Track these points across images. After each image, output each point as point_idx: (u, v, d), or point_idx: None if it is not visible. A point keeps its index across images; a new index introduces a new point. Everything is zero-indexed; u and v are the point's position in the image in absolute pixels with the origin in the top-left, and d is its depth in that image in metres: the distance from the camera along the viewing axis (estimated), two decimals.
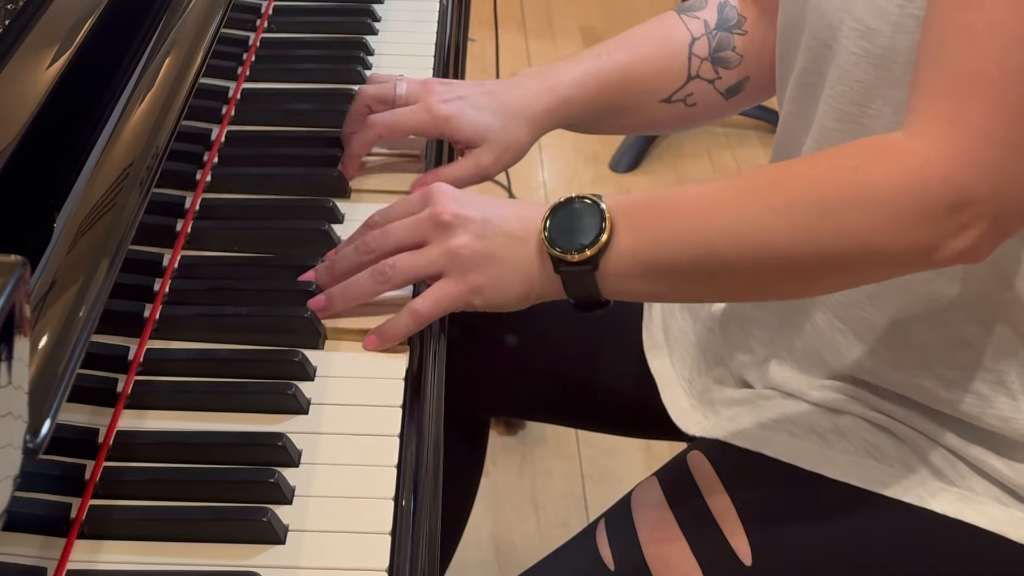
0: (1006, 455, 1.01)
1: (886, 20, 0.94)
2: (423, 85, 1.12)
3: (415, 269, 0.94)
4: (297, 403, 0.87)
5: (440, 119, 1.10)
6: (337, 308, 0.95)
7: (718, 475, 1.04)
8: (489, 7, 2.46)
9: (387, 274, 0.94)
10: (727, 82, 1.21)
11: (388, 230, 0.95)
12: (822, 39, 0.99)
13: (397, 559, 0.77)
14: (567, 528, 1.93)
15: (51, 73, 0.82)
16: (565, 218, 0.92)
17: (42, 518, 0.75)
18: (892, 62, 0.94)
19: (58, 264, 0.72)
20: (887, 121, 0.96)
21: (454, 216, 0.93)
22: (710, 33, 1.20)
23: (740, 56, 1.20)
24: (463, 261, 0.93)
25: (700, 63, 1.20)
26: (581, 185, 2.74)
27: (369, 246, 0.95)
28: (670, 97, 1.20)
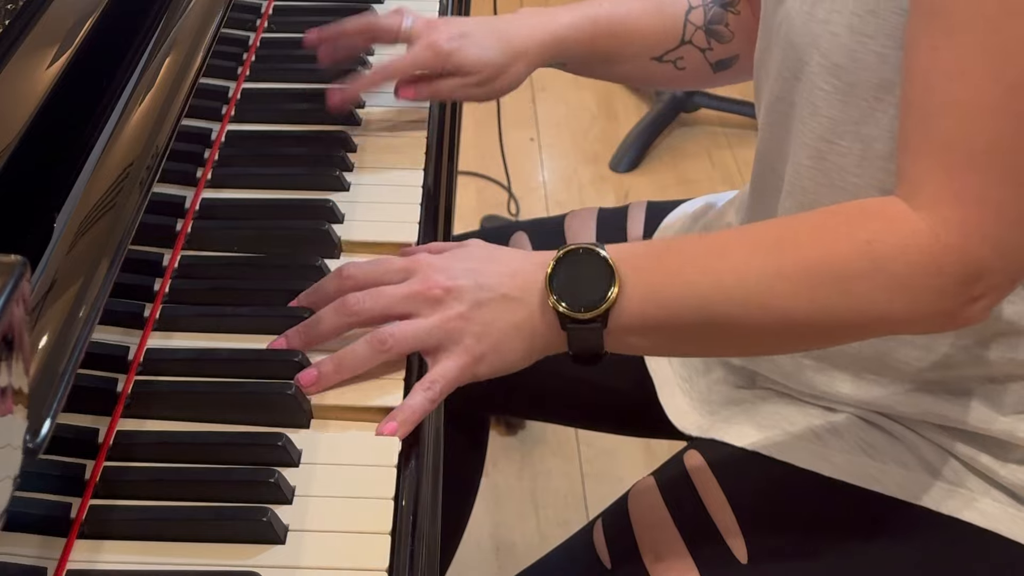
0: (999, 455, 1.01)
1: (850, 56, 0.94)
2: (427, 23, 1.17)
3: (415, 340, 0.89)
4: (297, 404, 0.87)
5: (443, 54, 1.15)
6: (332, 382, 0.89)
7: (715, 474, 1.04)
8: (489, 7, 2.46)
9: (387, 343, 0.89)
10: (718, 55, 1.24)
11: (374, 295, 0.90)
12: (793, 71, 1.00)
13: (397, 559, 0.77)
14: (567, 527, 1.93)
15: (51, 73, 0.82)
16: (570, 273, 0.90)
17: (42, 518, 0.75)
18: (859, 98, 0.95)
19: (58, 264, 0.72)
20: (857, 158, 0.97)
21: (445, 291, 0.90)
22: (706, 4, 1.24)
23: (732, 33, 1.24)
24: (465, 331, 0.89)
25: (694, 31, 1.23)
26: (581, 185, 2.74)
27: (352, 308, 0.90)
28: (661, 57, 1.24)
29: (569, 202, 2.68)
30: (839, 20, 0.94)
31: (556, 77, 1.28)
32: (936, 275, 0.86)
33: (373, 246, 1.03)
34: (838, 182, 0.99)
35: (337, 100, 1.17)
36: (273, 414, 0.86)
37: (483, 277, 0.90)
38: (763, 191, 1.08)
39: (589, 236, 1.30)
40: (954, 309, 0.88)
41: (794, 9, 0.98)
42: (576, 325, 0.89)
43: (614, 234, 1.30)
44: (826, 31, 0.95)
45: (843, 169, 0.98)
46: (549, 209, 2.66)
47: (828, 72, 0.96)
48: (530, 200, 2.69)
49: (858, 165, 0.97)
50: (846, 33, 0.93)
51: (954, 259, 0.85)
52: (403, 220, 1.06)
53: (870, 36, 0.92)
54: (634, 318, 0.89)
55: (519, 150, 2.80)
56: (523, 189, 2.70)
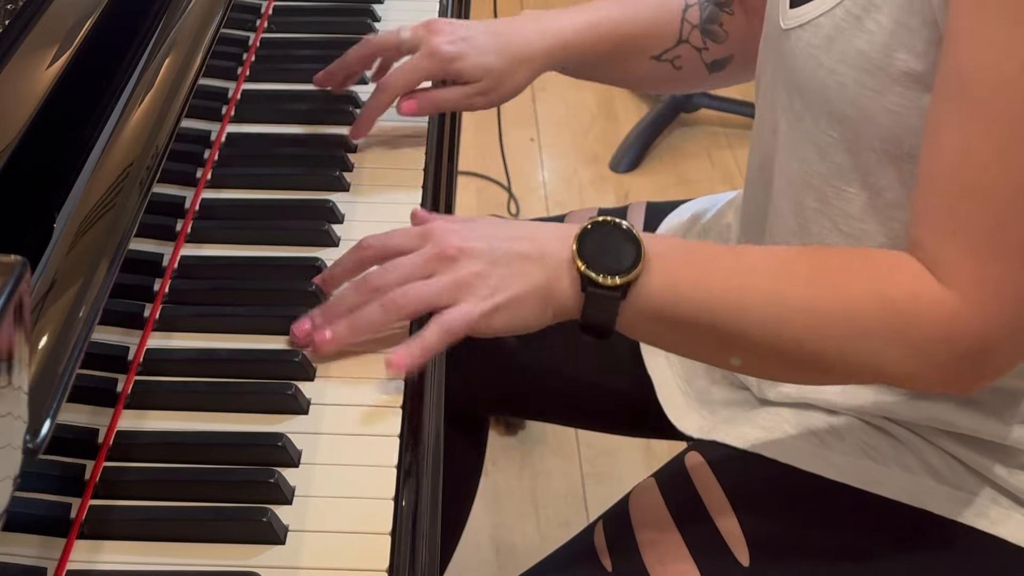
0: (1004, 460, 1.01)
1: (859, 109, 0.94)
2: (426, 26, 1.15)
3: (428, 298, 0.89)
4: (297, 403, 0.87)
5: (445, 60, 1.13)
6: (346, 342, 0.90)
7: (716, 476, 1.04)
8: (489, 7, 2.46)
9: (399, 303, 0.89)
10: (713, 55, 1.24)
11: (391, 267, 0.91)
12: (798, 113, 1.00)
13: (397, 559, 0.77)
14: (567, 528, 1.93)
15: (51, 73, 0.82)
16: (598, 240, 0.90)
17: (42, 518, 0.75)
18: (867, 149, 0.95)
19: (58, 264, 0.72)
20: (863, 206, 0.98)
21: (459, 250, 0.90)
22: (702, 3, 1.23)
23: (726, 33, 1.24)
24: (474, 287, 0.90)
25: (691, 29, 1.23)
26: (581, 185, 2.74)
27: (372, 284, 0.91)
28: (660, 55, 1.24)
29: (569, 202, 2.67)
30: (847, 72, 0.93)
31: (556, 77, 1.27)
32: (948, 349, 0.87)
33: None
34: (843, 227, 0.99)
35: (359, 134, 1.15)
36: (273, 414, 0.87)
37: (497, 240, 0.91)
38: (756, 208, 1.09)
39: None
40: (955, 380, 0.90)
41: (800, 50, 0.97)
42: (597, 289, 0.89)
43: None
44: (834, 81, 0.94)
45: (849, 216, 0.98)
46: (549, 209, 2.66)
47: (836, 120, 0.96)
48: (530, 200, 2.68)
49: (864, 212, 0.98)
50: (854, 86, 0.93)
51: (968, 338, 0.87)
52: (403, 220, 1.05)
53: (879, 92, 0.92)
54: (651, 302, 0.89)
55: (519, 150, 2.80)
56: (523, 189, 2.70)
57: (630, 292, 0.89)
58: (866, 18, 0.92)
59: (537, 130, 2.91)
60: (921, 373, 0.90)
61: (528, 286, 0.90)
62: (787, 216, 1.04)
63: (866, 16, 0.92)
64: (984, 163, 0.84)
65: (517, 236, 0.92)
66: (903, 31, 0.90)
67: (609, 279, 0.88)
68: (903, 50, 0.90)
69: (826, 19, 0.95)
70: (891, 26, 0.91)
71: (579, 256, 0.89)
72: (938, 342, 0.87)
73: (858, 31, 0.93)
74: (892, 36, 0.91)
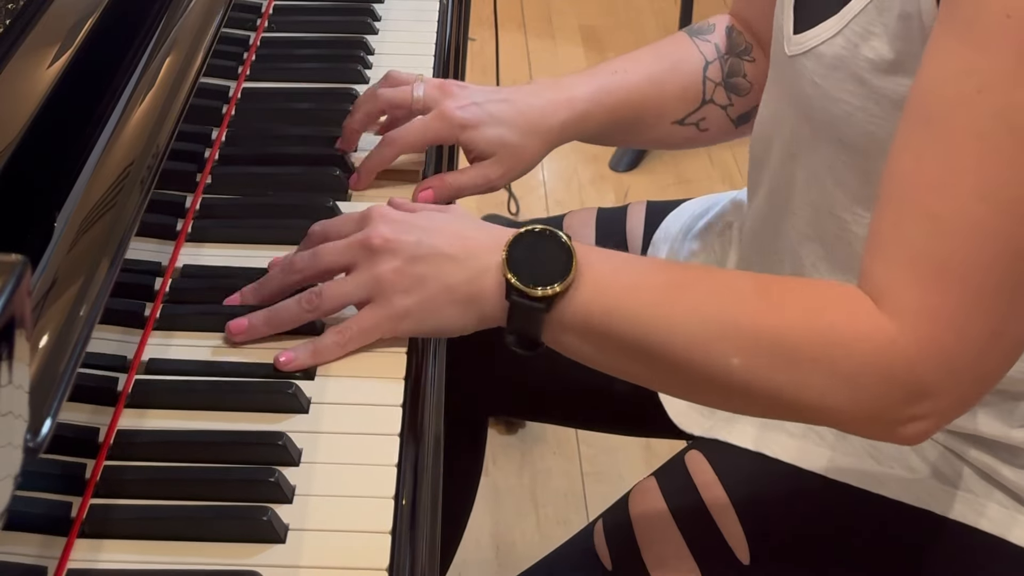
0: (1008, 460, 1.01)
1: (867, 137, 0.93)
2: (441, 87, 1.10)
3: (342, 296, 0.90)
4: (297, 402, 0.87)
5: (457, 127, 1.08)
6: (260, 334, 0.91)
7: (716, 475, 1.04)
8: (489, 6, 2.46)
9: (313, 302, 0.89)
10: (739, 109, 1.20)
11: (318, 252, 0.91)
12: (808, 139, 0.99)
13: (397, 558, 0.77)
14: (567, 526, 1.93)
15: (52, 72, 0.82)
16: (530, 248, 0.88)
17: (42, 517, 0.75)
18: (874, 173, 0.93)
19: (59, 263, 0.73)
20: None
21: (384, 241, 0.89)
22: (722, 58, 1.19)
23: (751, 84, 1.19)
24: (389, 286, 0.88)
25: (715, 88, 1.19)
26: (581, 184, 2.74)
27: (296, 266, 0.91)
28: (683, 120, 1.20)
29: (569, 201, 2.68)
30: (852, 100, 0.93)
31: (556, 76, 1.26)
32: (883, 380, 0.83)
33: None
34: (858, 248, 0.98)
35: (359, 185, 1.10)
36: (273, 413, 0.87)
37: (429, 236, 0.89)
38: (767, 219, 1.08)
39: (589, 236, 1.30)
40: (891, 421, 0.85)
41: (805, 78, 0.96)
42: (520, 299, 0.87)
43: (614, 234, 1.30)
44: (840, 109, 0.94)
45: (856, 235, 0.98)
46: (549, 208, 2.66)
47: (848, 149, 0.95)
48: (530, 199, 2.69)
49: None
50: (860, 114, 0.93)
51: (905, 369, 0.82)
52: None
53: (884, 119, 0.91)
54: (577, 315, 0.87)
55: None
56: (523, 188, 2.70)
57: (555, 305, 0.87)
58: (863, 46, 0.92)
59: None
60: (853, 409, 0.85)
61: (443, 288, 0.88)
62: (815, 241, 1.03)
63: (863, 44, 0.91)
64: (932, 183, 0.81)
65: (451, 233, 0.90)
66: (904, 58, 0.90)
67: (537, 289, 0.86)
68: (905, 76, 0.89)
69: (827, 48, 0.94)
70: (891, 55, 0.90)
71: (507, 263, 0.87)
72: (872, 371, 0.83)
73: (858, 59, 0.92)
74: (892, 64, 0.90)
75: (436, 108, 1.08)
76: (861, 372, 0.83)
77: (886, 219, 0.84)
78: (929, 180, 0.81)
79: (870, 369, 0.83)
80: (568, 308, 0.87)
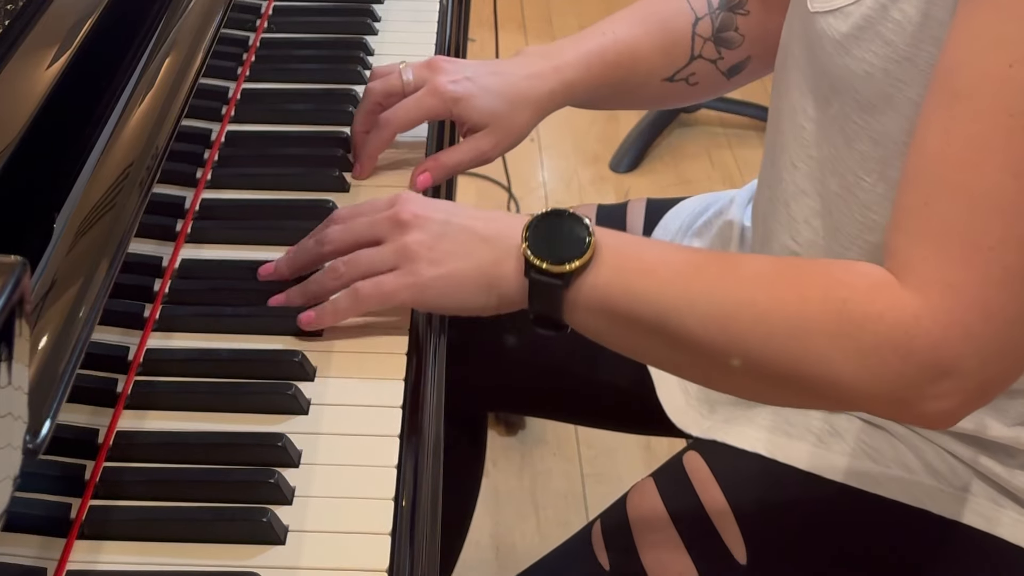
0: (1003, 460, 1.01)
1: (884, 98, 0.93)
2: (429, 65, 1.11)
3: (368, 264, 0.91)
4: (297, 403, 0.87)
5: (449, 100, 1.09)
6: (296, 304, 0.94)
7: (714, 476, 1.04)
8: (489, 7, 2.46)
9: (339, 271, 0.92)
10: (729, 62, 1.21)
11: (348, 225, 0.94)
12: (826, 96, 0.98)
13: (397, 559, 0.77)
14: (567, 528, 1.92)
15: (51, 73, 0.82)
16: (550, 228, 0.89)
17: (42, 518, 0.75)
18: (890, 141, 0.94)
19: (58, 264, 0.72)
20: (878, 196, 0.96)
21: (414, 216, 0.91)
22: (713, 13, 1.20)
23: (742, 36, 1.20)
24: (415, 256, 0.90)
25: (703, 43, 1.20)
26: (581, 185, 2.74)
27: (328, 238, 0.94)
28: (673, 76, 1.21)
29: (569, 202, 2.66)
30: (874, 61, 0.92)
31: None
32: (903, 356, 0.81)
33: None
34: (859, 216, 0.98)
35: (361, 176, 1.12)
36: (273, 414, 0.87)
37: (456, 216, 0.92)
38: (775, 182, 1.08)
39: None
40: (911, 400, 0.83)
41: (827, 36, 0.96)
42: (538, 275, 0.88)
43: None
44: (861, 69, 0.93)
45: (866, 206, 0.97)
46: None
47: (861, 108, 0.95)
48: (530, 200, 2.69)
49: (879, 203, 0.96)
50: (881, 76, 0.92)
51: (927, 346, 0.81)
52: None
53: (905, 82, 0.91)
54: (596, 294, 0.88)
55: (519, 150, 2.78)
56: (523, 189, 2.70)
57: (575, 281, 0.88)
58: (892, 7, 0.91)
59: (537, 130, 2.88)
60: (871, 387, 0.83)
61: (470, 264, 0.90)
62: (811, 196, 1.03)
63: (892, 5, 0.91)
64: (961, 160, 0.80)
65: (477, 215, 0.92)
66: (931, 23, 0.89)
67: (554, 266, 0.88)
68: (929, 42, 0.89)
69: (855, 7, 0.94)
70: (918, 17, 0.89)
71: (527, 241, 0.89)
72: (891, 347, 0.81)
73: (885, 20, 0.91)
74: (919, 27, 0.89)
75: (428, 84, 1.10)
76: (881, 347, 0.81)
77: (912, 194, 0.83)
78: (958, 156, 0.81)
79: (890, 345, 0.81)
80: (586, 286, 0.88)
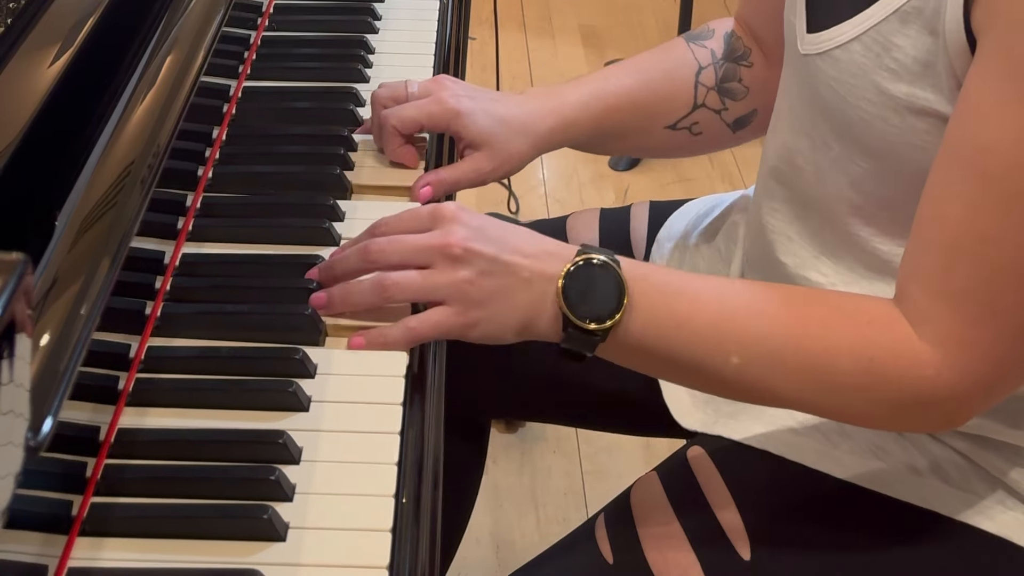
0: (1015, 461, 1.01)
1: (885, 143, 0.94)
2: (435, 81, 1.13)
3: (418, 291, 0.92)
4: (298, 400, 0.87)
5: (450, 112, 1.10)
6: (336, 310, 0.94)
7: (718, 469, 1.04)
8: (489, 6, 2.46)
9: (389, 290, 0.92)
10: (734, 114, 1.21)
11: (395, 243, 0.93)
12: (825, 139, 1.00)
13: (398, 556, 0.78)
14: (567, 525, 1.93)
15: (53, 71, 0.82)
16: (584, 281, 0.91)
17: (43, 515, 0.75)
18: (894, 182, 0.96)
19: (59, 262, 0.73)
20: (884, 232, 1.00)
21: (465, 251, 0.91)
22: (717, 63, 1.20)
23: (746, 88, 1.20)
24: (467, 295, 0.91)
25: (707, 92, 1.20)
26: (581, 183, 2.74)
27: (373, 255, 0.93)
28: (675, 124, 1.20)
29: (569, 200, 2.68)
30: (870, 109, 0.93)
31: (556, 76, 1.27)
32: (923, 405, 0.90)
33: None
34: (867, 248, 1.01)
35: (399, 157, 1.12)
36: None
37: (503, 251, 0.92)
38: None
39: (592, 237, 1.30)
40: (927, 429, 0.98)
41: (820, 80, 0.97)
42: (577, 332, 0.91)
43: (617, 235, 1.30)
44: (859, 117, 0.94)
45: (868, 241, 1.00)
46: (549, 207, 2.66)
47: (862, 152, 0.96)
48: (530, 198, 2.69)
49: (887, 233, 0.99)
50: (879, 123, 0.93)
51: (946, 398, 0.89)
52: None
53: (904, 130, 0.92)
54: (630, 339, 0.91)
55: None
56: (523, 187, 2.70)
57: (611, 333, 0.91)
58: (885, 56, 0.92)
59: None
60: (895, 425, 0.97)
61: (511, 309, 0.92)
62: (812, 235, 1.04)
63: (885, 54, 0.92)
64: (985, 235, 0.85)
65: (521, 252, 0.92)
66: (928, 72, 0.90)
67: (591, 324, 0.90)
68: (930, 90, 0.90)
69: (842, 52, 0.95)
70: (915, 67, 0.90)
71: (564, 296, 0.90)
72: (915, 400, 0.89)
73: (879, 68, 0.92)
74: (916, 76, 0.91)
75: (432, 96, 1.11)
76: (903, 399, 0.90)
77: (932, 254, 0.88)
78: (982, 231, 0.85)
79: (913, 398, 0.89)
80: (620, 333, 0.91)
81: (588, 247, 0.92)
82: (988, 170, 0.84)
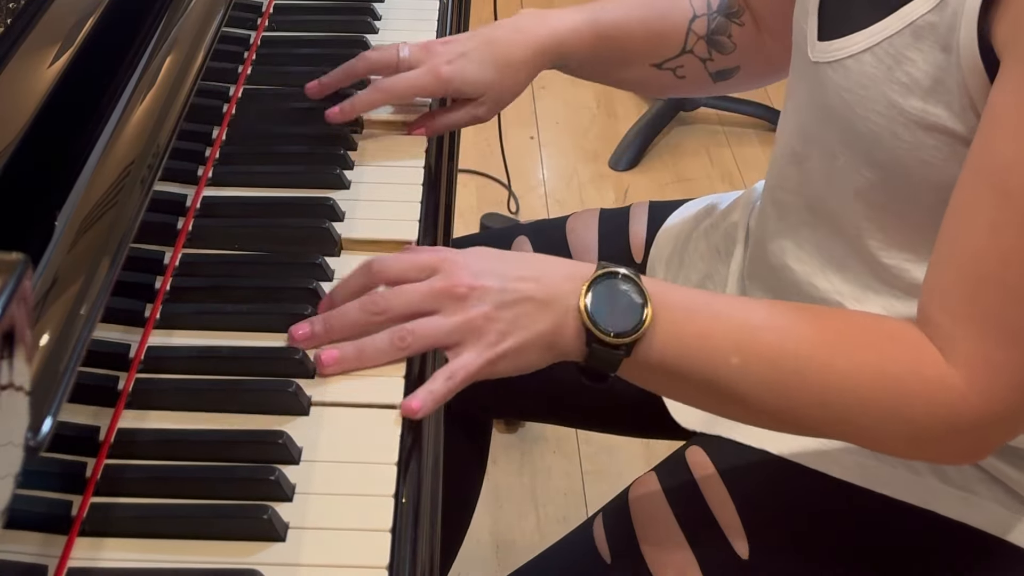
0: (1013, 461, 1.01)
1: (892, 156, 0.94)
2: (425, 48, 1.15)
3: (435, 338, 0.88)
4: (298, 401, 0.87)
5: (443, 81, 1.13)
6: (351, 368, 0.89)
7: (717, 470, 1.04)
8: (489, 6, 2.46)
9: (407, 340, 0.88)
10: (718, 65, 1.23)
11: (399, 294, 0.90)
12: (832, 149, 1.00)
13: (397, 556, 0.78)
14: (567, 525, 1.92)
15: (53, 71, 0.82)
16: (607, 295, 0.89)
17: (43, 516, 0.75)
18: (902, 196, 0.95)
19: (59, 262, 0.73)
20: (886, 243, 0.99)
21: (470, 289, 0.89)
22: (711, 14, 1.22)
23: (735, 45, 1.22)
24: (485, 331, 0.88)
25: (696, 40, 1.22)
26: (581, 183, 2.74)
27: (379, 306, 0.90)
28: (661, 64, 1.23)
29: (569, 200, 2.68)
30: (879, 122, 0.93)
31: (556, 76, 1.27)
32: (951, 429, 0.87)
33: (374, 244, 1.03)
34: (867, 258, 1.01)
35: (336, 119, 1.14)
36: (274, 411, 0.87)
37: (510, 281, 0.89)
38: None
39: (592, 238, 1.30)
40: (952, 457, 0.94)
41: (830, 89, 0.97)
42: (601, 347, 0.88)
43: (617, 235, 1.30)
44: (867, 128, 0.94)
45: (873, 252, 1.00)
46: (549, 207, 2.66)
47: (869, 163, 0.96)
48: (530, 198, 2.69)
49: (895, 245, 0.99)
50: (888, 136, 0.93)
51: (971, 423, 0.87)
52: (404, 218, 1.06)
53: (914, 144, 0.92)
54: (652, 355, 0.89)
55: (519, 148, 2.81)
56: (523, 187, 2.70)
57: (634, 349, 0.88)
58: (897, 69, 0.91)
59: (537, 128, 2.91)
60: (917, 453, 0.93)
61: (534, 333, 0.89)
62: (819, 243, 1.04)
63: (897, 67, 0.91)
64: (1008, 257, 0.83)
65: (527, 277, 0.90)
66: (939, 88, 0.89)
67: (616, 338, 0.88)
68: (941, 106, 0.90)
69: (854, 63, 0.94)
70: (927, 82, 0.90)
71: (587, 311, 0.88)
72: (942, 426, 0.87)
73: (890, 81, 0.92)
74: (927, 92, 0.90)
75: (424, 66, 1.13)
76: (930, 424, 0.87)
77: (955, 276, 0.86)
78: (1006, 253, 0.84)
79: (940, 423, 0.87)
80: (642, 348, 0.89)
81: (606, 264, 0.91)
82: (1010, 188, 0.83)
